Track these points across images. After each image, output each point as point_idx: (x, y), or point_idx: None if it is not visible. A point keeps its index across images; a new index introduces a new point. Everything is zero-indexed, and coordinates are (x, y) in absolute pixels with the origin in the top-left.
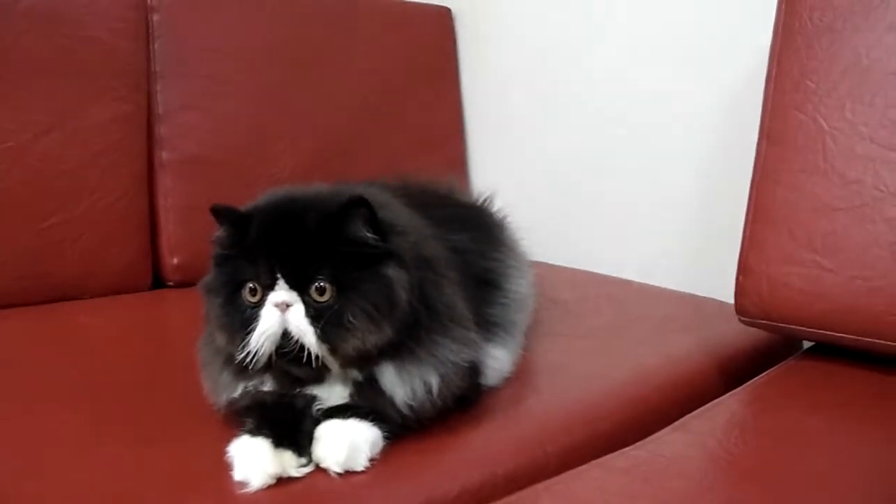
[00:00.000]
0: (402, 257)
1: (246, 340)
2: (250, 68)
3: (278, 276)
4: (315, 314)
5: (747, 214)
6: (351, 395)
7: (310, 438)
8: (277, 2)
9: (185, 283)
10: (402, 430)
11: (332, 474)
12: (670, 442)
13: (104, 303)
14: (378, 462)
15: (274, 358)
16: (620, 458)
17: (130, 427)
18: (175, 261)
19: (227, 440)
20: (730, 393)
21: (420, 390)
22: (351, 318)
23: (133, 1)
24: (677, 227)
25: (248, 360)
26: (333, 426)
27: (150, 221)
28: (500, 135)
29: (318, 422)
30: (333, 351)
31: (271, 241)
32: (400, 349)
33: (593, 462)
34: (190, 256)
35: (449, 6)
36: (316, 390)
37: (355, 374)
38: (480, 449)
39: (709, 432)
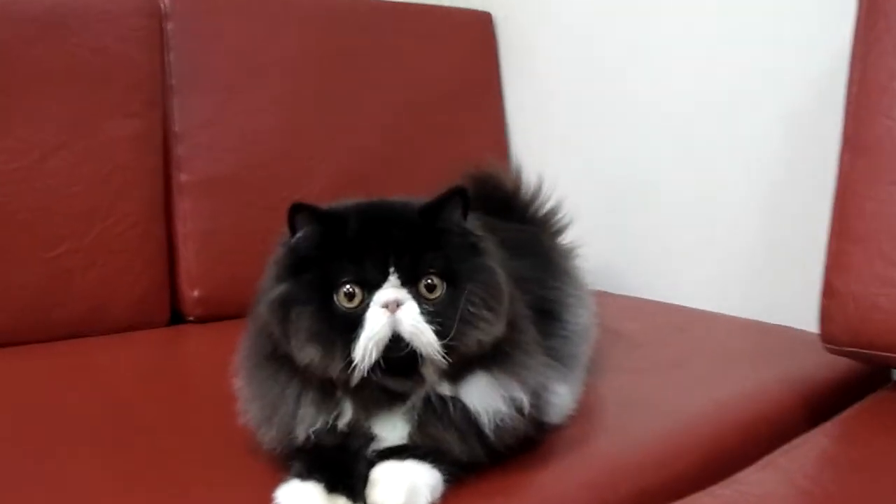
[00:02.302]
0: (495, 254)
1: (349, 349)
2: (275, 80)
3: (391, 269)
4: (429, 311)
5: (831, 232)
6: (410, 435)
7: (364, 482)
8: (304, 7)
9: (207, 318)
10: (462, 471)
11: None
12: (758, 481)
13: (118, 340)
14: None
15: (377, 370)
16: (706, 497)
17: (161, 473)
18: (196, 293)
19: (270, 485)
20: (817, 428)
21: (510, 407)
22: (471, 309)
23: (145, 7)
24: (742, 250)
25: (349, 373)
26: (390, 468)
27: (167, 250)
28: (546, 150)
29: (372, 464)
30: (453, 349)
31: (380, 235)
32: (491, 361)
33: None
34: (212, 289)
35: (489, 11)
36: (376, 427)
37: (445, 388)
38: (548, 490)
39: (798, 469)
